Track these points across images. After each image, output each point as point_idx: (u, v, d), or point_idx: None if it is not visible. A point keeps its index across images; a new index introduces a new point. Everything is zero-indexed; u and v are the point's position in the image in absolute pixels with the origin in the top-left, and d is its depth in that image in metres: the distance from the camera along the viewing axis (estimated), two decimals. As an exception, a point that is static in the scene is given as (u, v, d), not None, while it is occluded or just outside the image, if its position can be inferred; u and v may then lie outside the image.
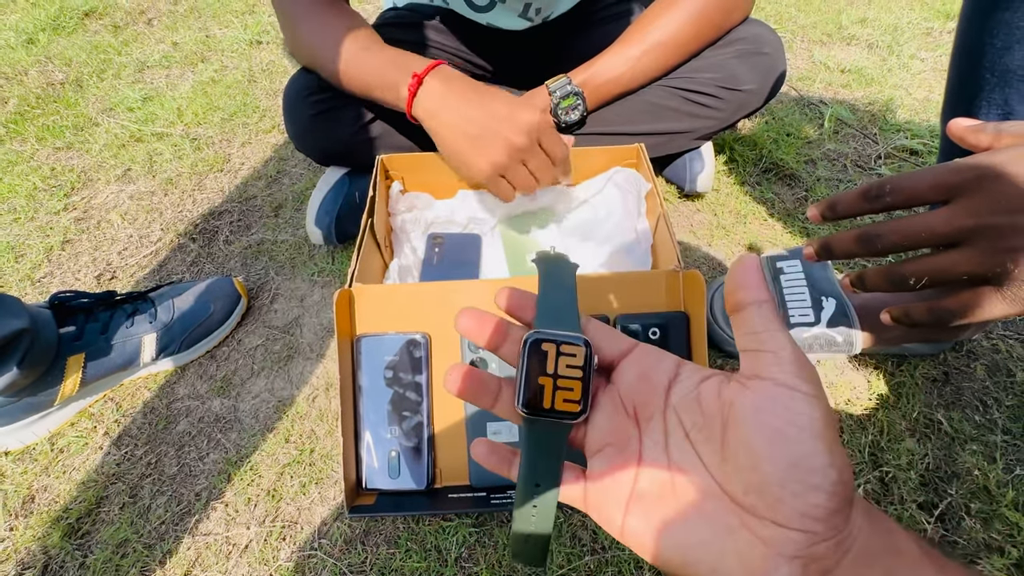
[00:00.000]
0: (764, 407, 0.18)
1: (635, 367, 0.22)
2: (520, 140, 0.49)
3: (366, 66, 0.56)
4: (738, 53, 0.63)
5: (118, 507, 0.52)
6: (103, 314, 0.58)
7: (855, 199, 0.33)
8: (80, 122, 0.98)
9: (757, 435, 0.17)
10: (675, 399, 0.21)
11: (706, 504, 0.19)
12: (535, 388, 0.21)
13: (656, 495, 0.20)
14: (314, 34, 0.59)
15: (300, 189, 0.83)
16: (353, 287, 0.49)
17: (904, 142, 0.83)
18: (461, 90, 0.51)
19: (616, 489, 0.20)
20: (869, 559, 0.18)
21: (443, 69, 0.52)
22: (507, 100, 0.52)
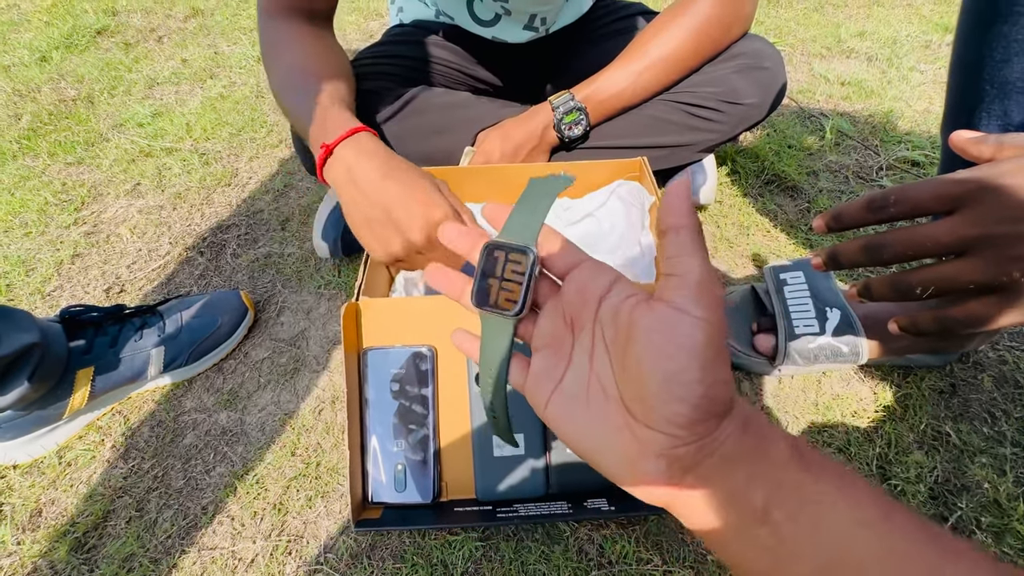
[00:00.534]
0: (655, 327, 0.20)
1: (576, 280, 0.24)
2: (416, 237, 0.44)
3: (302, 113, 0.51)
4: (739, 68, 0.64)
5: (124, 521, 0.52)
6: (112, 328, 0.58)
7: (859, 210, 0.33)
8: (91, 138, 1.00)
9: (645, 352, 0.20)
10: (602, 313, 0.23)
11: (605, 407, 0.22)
12: (485, 287, 0.25)
13: (573, 393, 0.23)
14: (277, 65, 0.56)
15: (307, 203, 0.84)
16: (360, 300, 0.50)
17: (905, 153, 0.84)
18: (368, 170, 0.45)
19: (546, 382, 0.24)
20: (732, 462, 0.20)
21: (359, 139, 0.47)
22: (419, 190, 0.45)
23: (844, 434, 0.54)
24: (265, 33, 0.58)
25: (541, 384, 0.24)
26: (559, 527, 0.49)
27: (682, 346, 0.19)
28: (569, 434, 0.23)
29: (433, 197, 0.45)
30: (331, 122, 0.48)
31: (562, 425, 0.23)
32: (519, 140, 0.66)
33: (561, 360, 0.24)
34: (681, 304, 0.20)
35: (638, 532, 0.48)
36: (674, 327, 0.20)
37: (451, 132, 0.68)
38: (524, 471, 0.49)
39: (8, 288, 0.74)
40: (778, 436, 0.21)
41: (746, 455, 0.20)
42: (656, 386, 0.20)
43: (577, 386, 0.23)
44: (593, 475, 0.49)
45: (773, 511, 0.19)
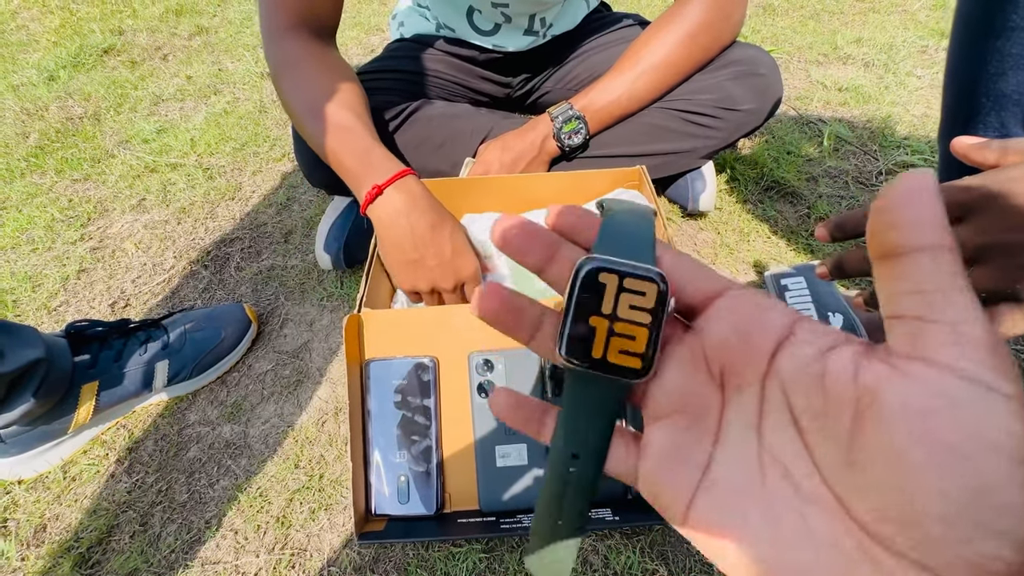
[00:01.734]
0: (932, 407, 0.12)
1: (730, 316, 0.16)
2: (446, 284, 0.53)
3: (339, 148, 0.53)
4: (734, 75, 0.65)
5: (128, 535, 0.52)
6: (117, 342, 0.59)
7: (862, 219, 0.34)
8: (97, 154, 1.02)
9: (914, 446, 0.12)
10: (784, 368, 0.15)
11: (810, 512, 0.13)
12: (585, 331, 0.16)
13: (736, 487, 0.15)
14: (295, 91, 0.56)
15: (309, 216, 0.85)
16: (362, 312, 0.50)
17: (904, 158, 0.84)
18: (417, 218, 0.51)
19: (681, 470, 0.15)
20: None
21: (407, 183, 0.51)
22: (455, 241, 0.52)
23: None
24: (276, 54, 0.57)
25: (674, 473, 0.16)
26: (563, 538, 0.48)
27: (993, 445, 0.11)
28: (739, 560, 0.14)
29: (465, 251, 0.53)
30: (377, 162, 0.52)
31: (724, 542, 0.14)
32: (518, 151, 0.67)
33: (704, 434, 0.16)
34: (970, 371, 0.12)
35: (643, 542, 0.48)
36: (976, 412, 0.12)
37: (452, 143, 0.69)
38: (527, 481, 0.49)
39: (15, 304, 0.75)
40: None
41: None
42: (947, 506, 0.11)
43: (742, 477, 0.15)
44: (597, 484, 0.50)
45: None
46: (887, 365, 0.13)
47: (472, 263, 0.54)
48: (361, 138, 0.53)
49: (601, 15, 0.81)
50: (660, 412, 0.16)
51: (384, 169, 0.51)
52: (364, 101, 0.58)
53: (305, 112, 0.55)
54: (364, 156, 0.52)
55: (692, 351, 0.16)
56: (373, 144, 0.53)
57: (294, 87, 0.56)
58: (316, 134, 0.54)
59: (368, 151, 0.52)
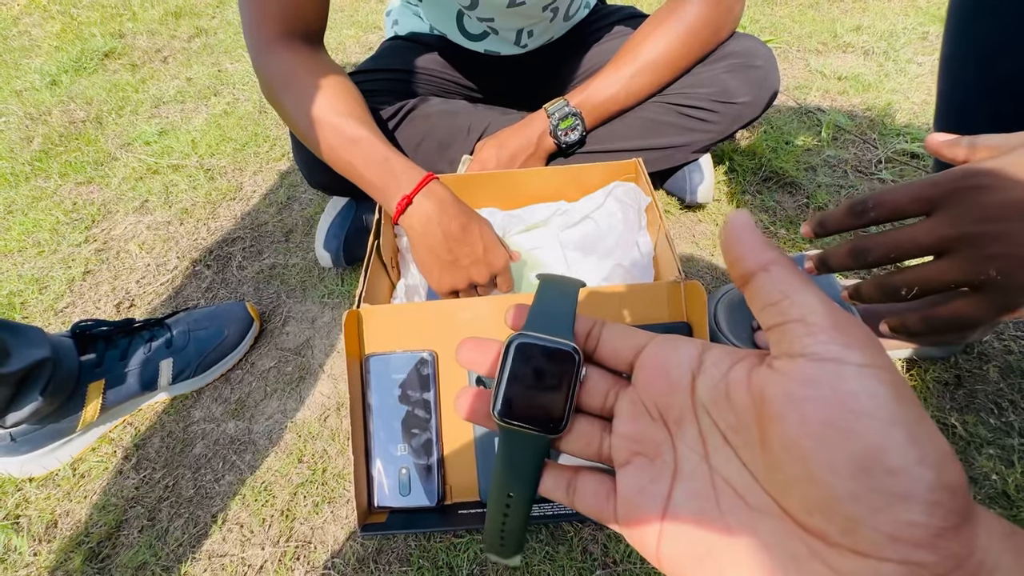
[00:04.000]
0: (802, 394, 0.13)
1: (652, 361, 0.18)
2: (482, 279, 0.54)
3: (356, 160, 0.54)
4: (730, 67, 0.65)
5: (137, 530, 0.53)
6: (122, 341, 0.60)
7: (842, 216, 0.34)
8: (100, 157, 1.03)
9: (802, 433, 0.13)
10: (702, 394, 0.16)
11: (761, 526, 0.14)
12: (513, 395, 0.20)
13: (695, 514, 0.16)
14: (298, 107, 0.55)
15: (309, 214, 0.86)
16: (361, 308, 0.51)
17: (904, 146, 0.83)
18: (447, 219, 0.52)
19: (648, 504, 0.17)
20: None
21: (433, 189, 0.52)
22: (485, 237, 0.54)
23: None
24: (269, 68, 0.56)
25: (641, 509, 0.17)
26: (563, 528, 0.49)
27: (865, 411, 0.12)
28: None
29: (496, 245, 0.55)
30: (400, 171, 0.53)
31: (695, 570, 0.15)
32: (515, 148, 0.67)
33: (663, 470, 0.17)
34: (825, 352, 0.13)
35: (642, 531, 0.48)
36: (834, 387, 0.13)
37: (450, 140, 0.69)
38: (527, 473, 0.49)
39: (23, 306, 0.76)
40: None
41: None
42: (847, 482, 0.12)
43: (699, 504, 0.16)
44: (596, 475, 0.50)
45: None
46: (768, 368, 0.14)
47: (503, 256, 0.56)
48: (375, 148, 0.54)
49: (598, 10, 0.81)
50: (621, 459, 0.18)
51: (408, 178, 0.52)
52: (366, 108, 0.58)
53: (310, 127, 0.55)
54: (384, 167, 0.53)
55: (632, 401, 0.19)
56: (389, 153, 0.53)
57: (295, 103, 0.55)
58: (326, 148, 0.55)
59: (386, 161, 0.53)
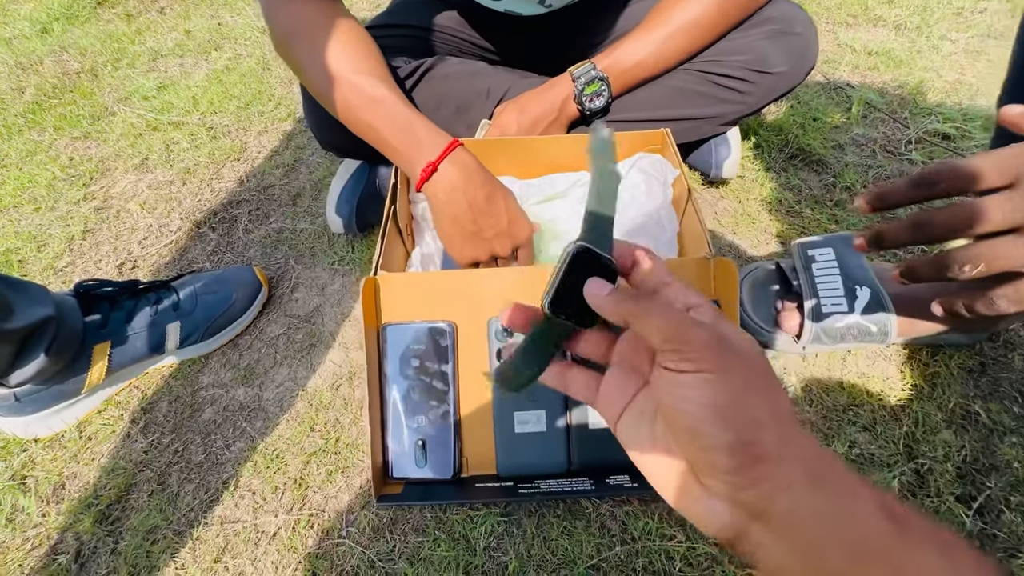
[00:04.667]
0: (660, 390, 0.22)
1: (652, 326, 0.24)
2: (504, 251, 0.53)
3: (378, 123, 0.51)
4: (768, 34, 0.61)
5: (147, 494, 0.52)
6: (128, 303, 0.58)
7: (908, 187, 0.32)
8: (96, 111, 0.98)
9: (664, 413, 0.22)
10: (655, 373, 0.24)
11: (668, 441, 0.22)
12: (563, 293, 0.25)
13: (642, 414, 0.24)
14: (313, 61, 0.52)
15: (318, 177, 0.83)
16: (378, 275, 0.49)
17: (936, 126, 0.81)
18: (472, 188, 0.50)
19: (618, 397, 0.24)
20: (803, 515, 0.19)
21: (459, 156, 0.50)
22: (509, 209, 0.52)
23: (870, 413, 0.53)
24: (282, 19, 0.53)
25: (612, 399, 0.25)
26: (581, 503, 0.49)
27: (689, 401, 0.20)
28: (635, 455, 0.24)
29: (521, 219, 0.53)
30: (424, 135, 0.50)
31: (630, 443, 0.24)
32: (537, 114, 0.64)
33: (636, 379, 0.24)
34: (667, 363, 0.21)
35: (661, 508, 0.48)
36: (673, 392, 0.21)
37: (468, 103, 0.66)
38: (545, 447, 0.48)
39: (20, 264, 0.73)
40: (863, 492, 0.19)
41: (819, 510, 0.19)
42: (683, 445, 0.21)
43: (648, 410, 0.23)
44: (615, 452, 0.49)
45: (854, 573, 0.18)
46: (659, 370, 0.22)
47: (527, 228, 0.54)
48: (398, 110, 0.51)
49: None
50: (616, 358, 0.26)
51: (433, 143, 0.50)
52: (386, 65, 0.54)
53: (327, 84, 0.51)
54: (407, 130, 0.50)
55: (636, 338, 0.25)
56: (412, 116, 0.51)
57: (310, 57, 0.52)
58: (344, 108, 0.52)
59: (410, 125, 0.50)
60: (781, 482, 0.19)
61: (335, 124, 0.56)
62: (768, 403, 0.20)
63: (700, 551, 0.45)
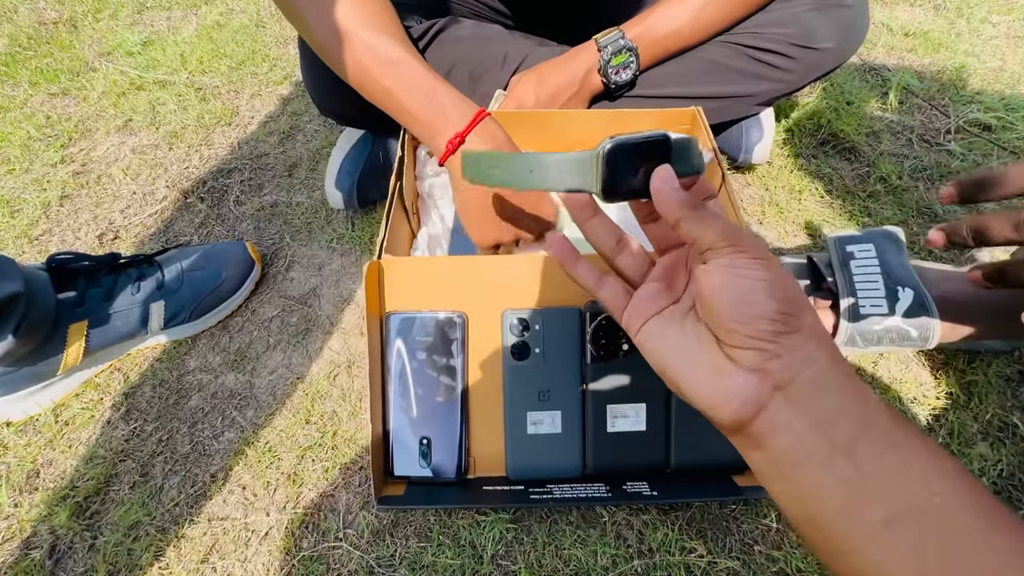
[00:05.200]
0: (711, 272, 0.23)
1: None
2: (531, 233, 0.49)
3: (396, 88, 0.45)
4: (816, 5, 0.56)
5: (128, 486, 0.48)
6: (106, 279, 0.53)
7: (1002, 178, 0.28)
8: (76, 66, 0.91)
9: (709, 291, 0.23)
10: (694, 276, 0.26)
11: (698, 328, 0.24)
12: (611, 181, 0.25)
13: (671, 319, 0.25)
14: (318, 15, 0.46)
15: (316, 147, 0.77)
16: (383, 259, 0.44)
17: (977, 115, 0.76)
18: None
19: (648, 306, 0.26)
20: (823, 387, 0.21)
21: (487, 127, 0.45)
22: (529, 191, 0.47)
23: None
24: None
25: (641, 308, 0.26)
26: (596, 510, 0.46)
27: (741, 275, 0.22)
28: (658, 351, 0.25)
29: (548, 198, 0.49)
30: (449, 103, 0.45)
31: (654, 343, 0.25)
32: (557, 85, 0.59)
33: (669, 296, 0.26)
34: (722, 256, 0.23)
35: (681, 519, 0.45)
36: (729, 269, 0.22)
37: (482, 71, 0.60)
38: (559, 450, 0.45)
39: (-8, 230, 0.68)
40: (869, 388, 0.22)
41: (838, 385, 0.21)
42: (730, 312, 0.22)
43: (677, 316, 0.25)
44: (634, 457, 0.46)
45: (859, 445, 0.20)
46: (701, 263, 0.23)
47: (554, 207, 0.51)
48: (420, 75, 0.45)
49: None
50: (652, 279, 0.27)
51: (459, 113, 0.45)
52: (400, 23, 0.49)
53: (335, 42, 0.45)
54: (430, 97, 0.45)
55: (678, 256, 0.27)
56: (435, 81, 0.46)
57: (315, 11, 0.46)
58: (355, 70, 0.46)
59: (433, 91, 0.45)
60: (810, 354, 0.21)
61: (337, 87, 0.50)
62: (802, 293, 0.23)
63: (722, 566, 0.43)
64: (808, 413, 0.20)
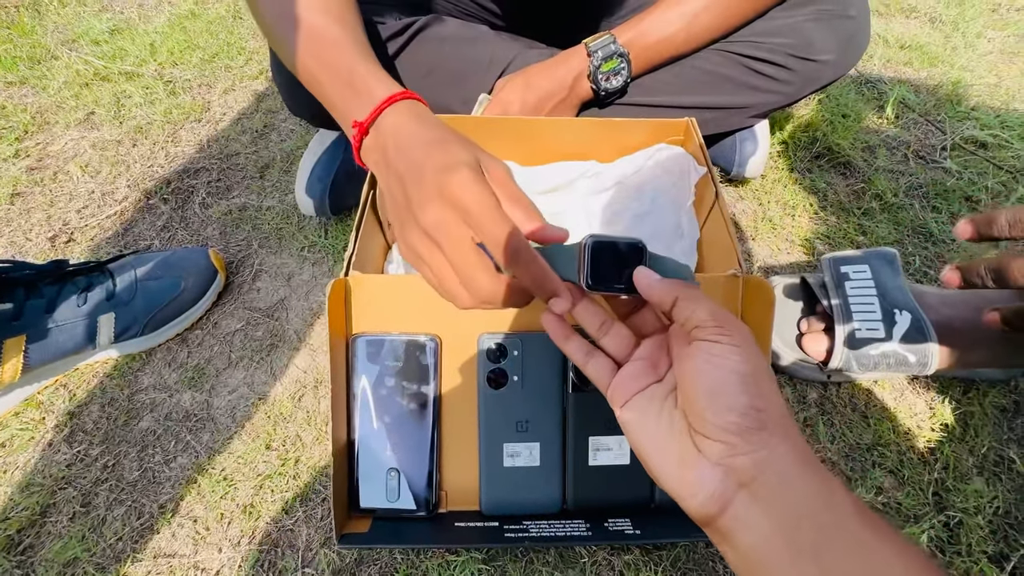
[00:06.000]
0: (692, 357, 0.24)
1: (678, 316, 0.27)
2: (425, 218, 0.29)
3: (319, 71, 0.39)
4: (817, 15, 0.53)
5: (67, 517, 0.44)
6: (49, 289, 0.49)
7: None
8: (37, 54, 0.86)
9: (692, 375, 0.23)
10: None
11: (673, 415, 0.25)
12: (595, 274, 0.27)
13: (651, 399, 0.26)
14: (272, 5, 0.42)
15: (290, 148, 0.73)
16: (350, 276, 0.41)
17: (973, 132, 0.74)
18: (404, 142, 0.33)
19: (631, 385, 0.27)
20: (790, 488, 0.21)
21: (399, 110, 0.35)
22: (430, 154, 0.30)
23: (897, 455, 0.48)
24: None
25: (626, 385, 0.27)
26: (575, 549, 0.43)
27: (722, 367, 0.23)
28: (635, 432, 0.25)
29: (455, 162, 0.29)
30: (362, 86, 0.36)
31: (633, 425, 0.26)
32: (545, 91, 0.56)
33: (653, 375, 0.27)
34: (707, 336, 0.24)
35: (665, 559, 0.42)
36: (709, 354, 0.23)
37: (465, 73, 0.57)
38: (538, 484, 0.42)
39: (-68, 229, 0.63)
40: (840, 486, 0.21)
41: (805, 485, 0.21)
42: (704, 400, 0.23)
43: (658, 397, 0.26)
44: (616, 492, 0.43)
45: (826, 550, 0.20)
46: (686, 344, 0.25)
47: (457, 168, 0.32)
48: (345, 53, 0.39)
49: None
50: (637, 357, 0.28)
51: (368, 96, 0.35)
52: (354, 9, 0.44)
53: (276, 18, 0.41)
54: (347, 77, 0.37)
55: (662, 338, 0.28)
56: (358, 60, 0.38)
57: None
58: (288, 49, 0.41)
59: (351, 72, 0.37)
60: (776, 452, 0.21)
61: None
62: (775, 388, 0.23)
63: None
64: (773, 513, 0.21)
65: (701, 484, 0.22)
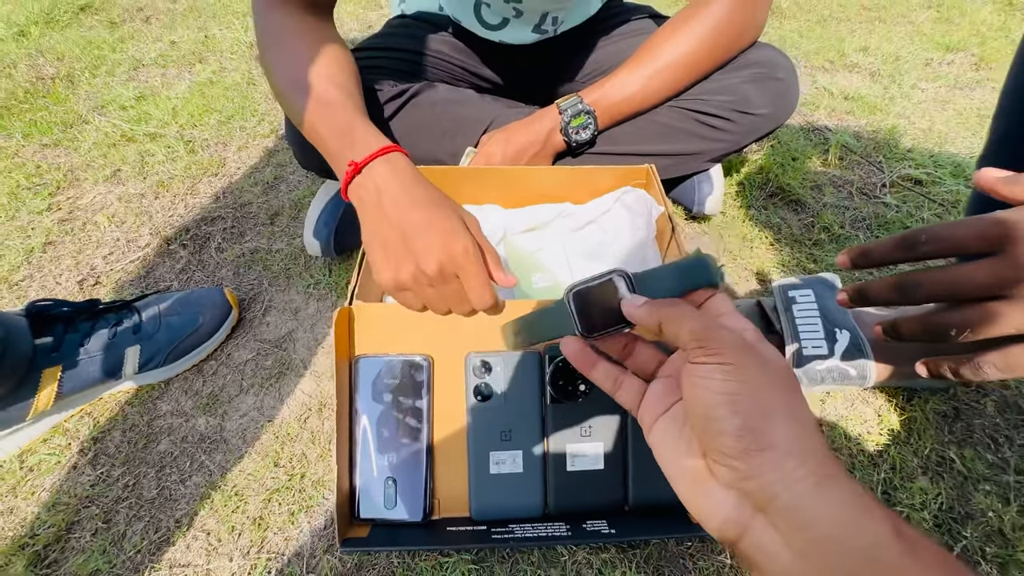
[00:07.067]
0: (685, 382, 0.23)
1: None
2: (429, 267, 0.39)
3: (322, 127, 0.47)
4: (752, 77, 0.63)
5: (90, 533, 0.48)
6: (84, 324, 0.54)
7: (891, 248, 0.32)
8: (69, 119, 0.95)
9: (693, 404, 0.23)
10: None
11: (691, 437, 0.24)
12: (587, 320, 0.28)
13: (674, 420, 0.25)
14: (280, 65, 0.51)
15: (298, 197, 0.81)
16: (353, 305, 0.47)
17: (909, 171, 0.83)
18: (396, 192, 0.42)
19: (656, 406, 0.26)
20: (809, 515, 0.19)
21: (389, 160, 0.43)
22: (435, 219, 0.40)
23: (849, 458, 0.53)
24: (263, 25, 0.53)
25: (651, 408, 0.27)
26: (557, 549, 0.47)
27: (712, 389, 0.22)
28: (660, 455, 0.25)
29: (456, 229, 0.40)
30: (359, 137, 0.45)
31: (658, 448, 0.25)
32: (522, 143, 0.64)
33: (676, 392, 0.26)
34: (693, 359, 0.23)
35: (639, 556, 0.46)
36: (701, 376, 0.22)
37: (455, 131, 0.65)
38: (522, 490, 0.47)
39: (-28, 276, 0.69)
40: (873, 506, 0.19)
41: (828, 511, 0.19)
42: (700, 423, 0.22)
43: (679, 417, 0.25)
44: (593, 496, 0.48)
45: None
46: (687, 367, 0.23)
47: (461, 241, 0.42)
48: (344, 113, 0.46)
49: (614, 6, 0.78)
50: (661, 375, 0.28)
51: (364, 145, 0.44)
52: (355, 77, 0.53)
53: (288, 86, 0.50)
54: (345, 132, 0.45)
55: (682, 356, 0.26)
56: (356, 119, 0.46)
57: (278, 59, 0.51)
58: (298, 111, 0.49)
59: (350, 126, 0.46)
60: (789, 476, 0.19)
61: None
62: (782, 400, 0.21)
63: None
64: (795, 543, 0.19)
65: (716, 508, 0.21)
